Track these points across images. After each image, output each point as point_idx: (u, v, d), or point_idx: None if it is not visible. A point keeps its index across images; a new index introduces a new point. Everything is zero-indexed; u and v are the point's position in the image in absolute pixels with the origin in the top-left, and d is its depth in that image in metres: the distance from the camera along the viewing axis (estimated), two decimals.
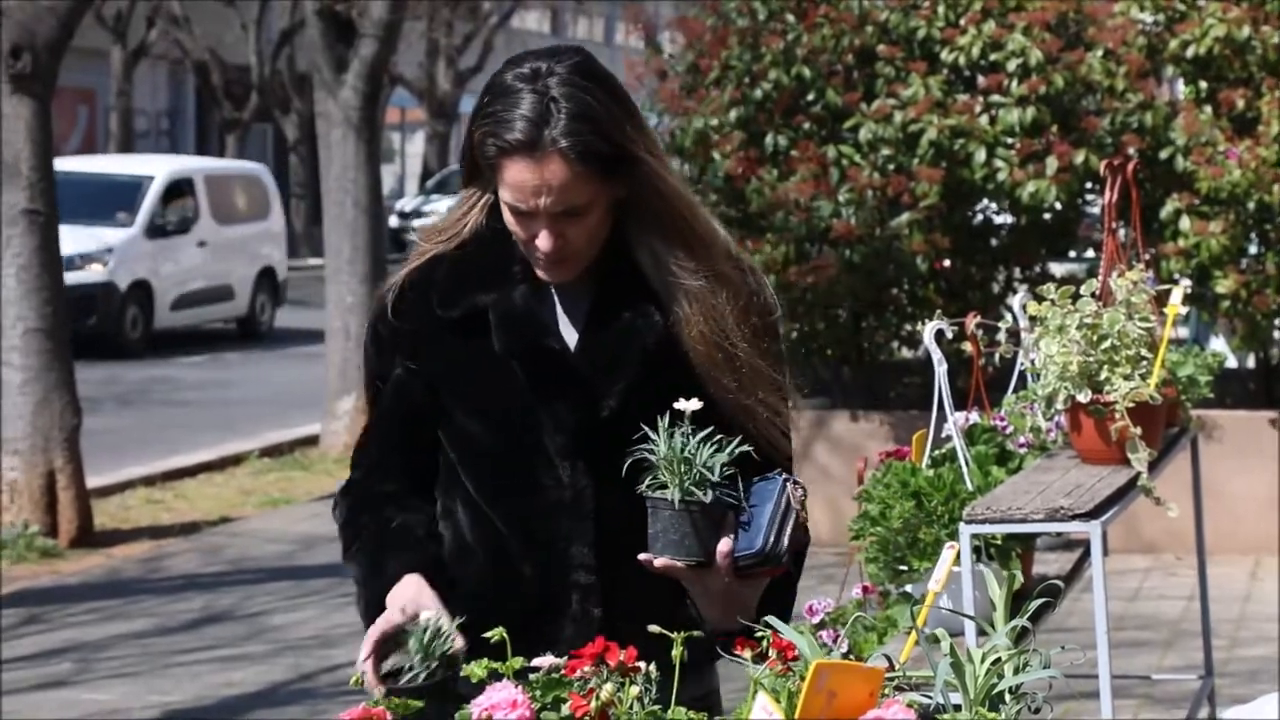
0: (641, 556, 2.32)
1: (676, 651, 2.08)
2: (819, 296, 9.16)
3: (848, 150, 8.96)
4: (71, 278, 16.51)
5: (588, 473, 2.47)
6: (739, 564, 2.31)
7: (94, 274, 18.31)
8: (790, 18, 9.17)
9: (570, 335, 2.51)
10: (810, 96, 9.12)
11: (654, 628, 2.12)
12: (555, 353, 2.48)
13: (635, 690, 1.96)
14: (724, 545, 2.30)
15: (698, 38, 9.46)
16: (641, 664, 2.04)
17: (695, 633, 2.13)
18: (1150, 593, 8.24)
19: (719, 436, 2.28)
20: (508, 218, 2.48)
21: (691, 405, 2.25)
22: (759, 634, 2.10)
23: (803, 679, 2.05)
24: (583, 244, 2.46)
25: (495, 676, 2.14)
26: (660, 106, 9.62)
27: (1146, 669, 6.81)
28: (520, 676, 2.11)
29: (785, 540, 2.28)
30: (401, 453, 2.58)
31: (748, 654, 2.08)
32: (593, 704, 1.99)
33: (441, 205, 33.15)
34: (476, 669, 2.23)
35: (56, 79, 10.02)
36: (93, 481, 10.40)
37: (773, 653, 2.05)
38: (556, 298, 2.52)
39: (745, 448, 2.29)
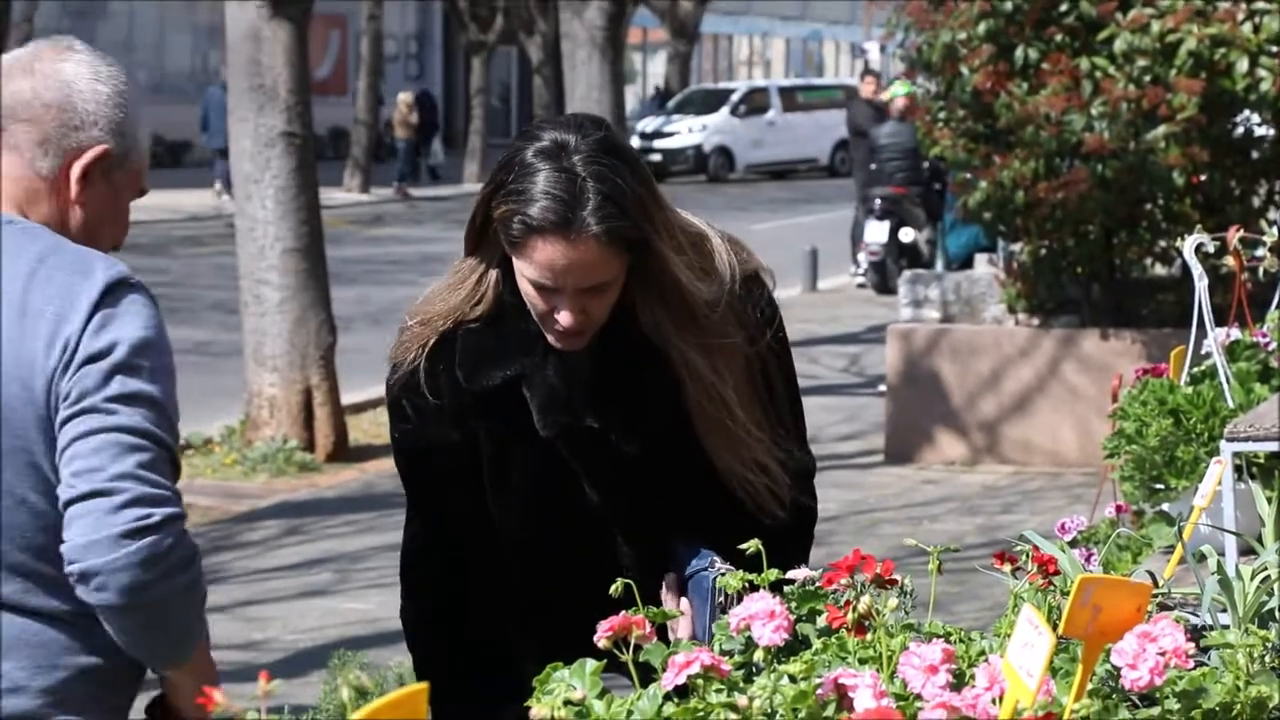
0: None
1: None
2: (1069, 213, 8.98)
3: (1101, 62, 8.73)
4: None
5: (621, 512, 2.59)
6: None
7: None
8: None
9: (594, 403, 2.55)
10: (1063, 7, 8.89)
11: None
12: (594, 431, 2.55)
13: (893, 602, 1.96)
14: (682, 633, 2.44)
15: None
16: (898, 576, 2.04)
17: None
18: None
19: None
20: (527, 291, 2.49)
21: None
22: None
23: (1063, 594, 2.02)
24: (600, 316, 2.51)
25: (751, 588, 2.15)
26: (907, 20, 9.48)
27: None
28: (775, 589, 2.12)
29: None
30: (452, 529, 2.62)
31: (1007, 568, 2.05)
32: (850, 616, 1.99)
33: (682, 125, 33.20)
34: (731, 580, 2.24)
35: (313, 3, 10.23)
36: (347, 398, 10.68)
37: (1033, 567, 2.02)
38: (575, 364, 2.55)
39: None
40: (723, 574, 2.40)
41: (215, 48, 30.06)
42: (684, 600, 2.51)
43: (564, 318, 2.47)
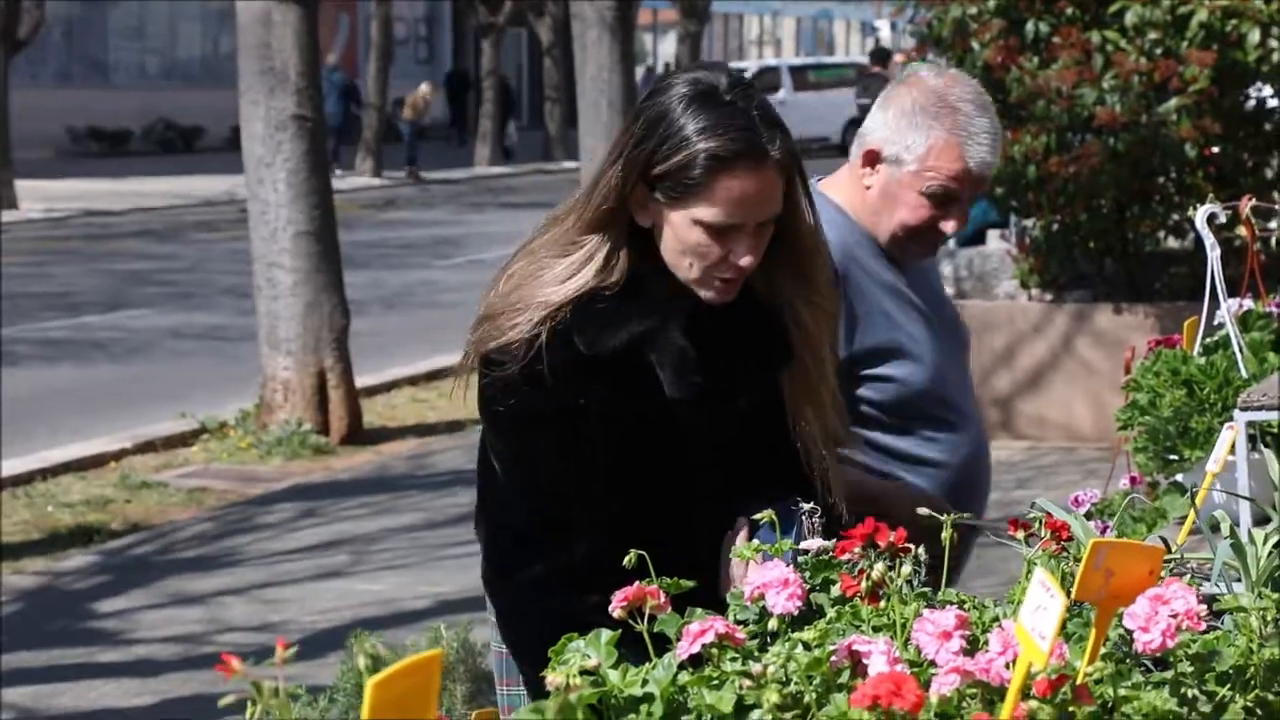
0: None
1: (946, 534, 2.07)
2: (1081, 187, 8.96)
3: (1112, 35, 8.71)
4: None
5: (722, 477, 2.54)
6: None
7: None
8: None
9: (720, 365, 2.51)
10: None
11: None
12: (717, 394, 2.51)
13: (907, 570, 1.96)
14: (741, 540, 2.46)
15: None
16: (912, 545, 2.04)
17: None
18: None
19: None
20: (696, 240, 2.44)
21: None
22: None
23: (1077, 560, 2.03)
24: (757, 261, 2.48)
25: (766, 557, 2.16)
26: None
27: None
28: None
29: None
30: (561, 502, 2.51)
31: (1020, 534, 2.06)
32: (863, 584, 1.99)
33: None
34: (745, 550, 2.25)
35: None
36: (361, 381, 10.69)
37: (1046, 533, 2.03)
38: (699, 327, 2.50)
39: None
40: (807, 512, 2.42)
41: (226, 33, 30.03)
42: (740, 521, 2.48)
43: (745, 257, 2.44)
